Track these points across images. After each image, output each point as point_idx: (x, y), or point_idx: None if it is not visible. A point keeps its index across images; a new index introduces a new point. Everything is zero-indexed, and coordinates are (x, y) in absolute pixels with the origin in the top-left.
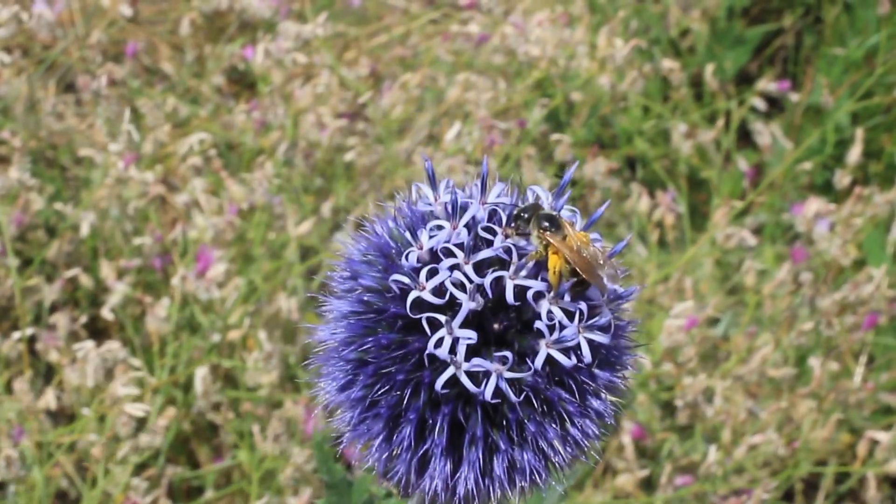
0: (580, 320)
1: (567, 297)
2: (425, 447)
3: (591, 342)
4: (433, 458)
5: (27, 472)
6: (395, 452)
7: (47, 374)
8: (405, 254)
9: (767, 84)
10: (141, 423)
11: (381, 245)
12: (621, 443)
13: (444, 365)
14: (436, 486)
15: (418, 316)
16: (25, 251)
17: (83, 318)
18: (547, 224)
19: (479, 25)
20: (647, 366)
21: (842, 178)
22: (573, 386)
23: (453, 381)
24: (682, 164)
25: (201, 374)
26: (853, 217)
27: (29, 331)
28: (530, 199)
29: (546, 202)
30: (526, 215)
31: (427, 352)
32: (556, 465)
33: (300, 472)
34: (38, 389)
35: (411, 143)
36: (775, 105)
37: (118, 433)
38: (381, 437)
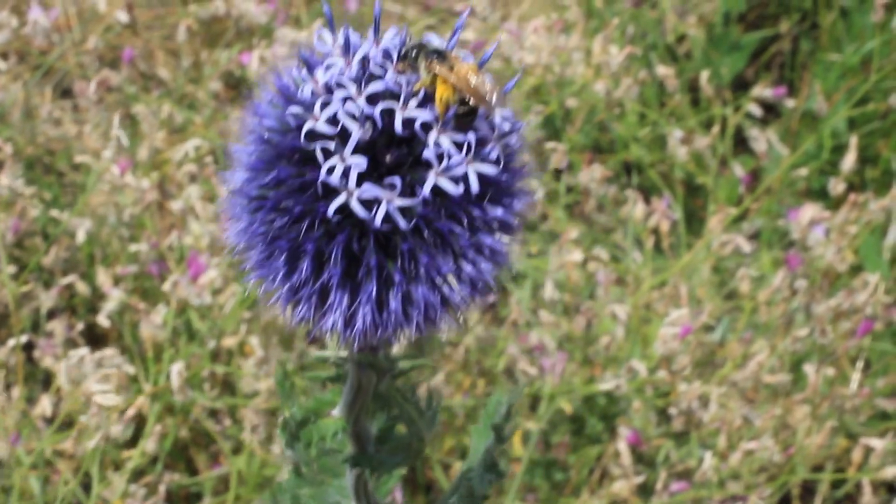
0: (468, 151)
1: (454, 128)
2: (322, 279)
3: (480, 175)
4: (331, 291)
5: (19, 478)
6: (297, 288)
7: (46, 382)
8: (300, 88)
9: (763, 90)
10: (138, 430)
11: (282, 87)
12: (617, 449)
13: (337, 193)
14: (336, 322)
15: (312, 146)
16: (22, 258)
17: (80, 326)
18: (435, 56)
19: (475, 32)
20: (643, 372)
21: (836, 185)
22: (464, 220)
23: (347, 212)
24: (679, 170)
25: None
26: (848, 224)
27: (25, 338)
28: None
29: (439, 45)
30: (415, 51)
31: (320, 179)
32: (452, 302)
33: None
34: (35, 397)
35: None
36: (772, 111)
37: (114, 437)
38: (282, 273)
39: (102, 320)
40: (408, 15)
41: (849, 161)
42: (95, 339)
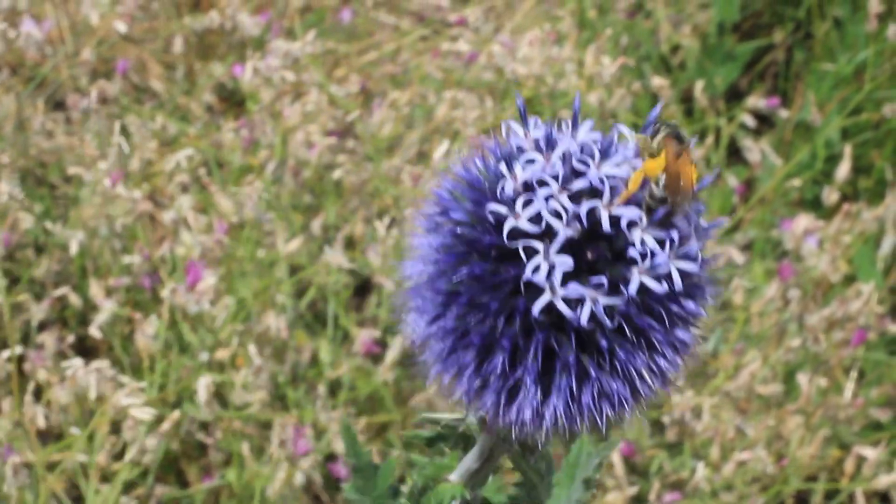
0: (671, 248)
1: (658, 225)
2: (517, 375)
3: (680, 271)
4: (523, 387)
5: (16, 490)
6: (485, 382)
7: (36, 394)
8: (501, 185)
9: (757, 101)
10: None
11: (471, 180)
12: (610, 461)
13: (540, 291)
14: (525, 416)
15: (514, 244)
16: (14, 270)
17: (71, 338)
18: (673, 135)
19: (469, 43)
20: None
21: (829, 195)
22: (662, 315)
23: (548, 309)
24: None
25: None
26: (840, 235)
27: (17, 350)
28: (614, 137)
29: (631, 140)
30: (658, 125)
31: (524, 278)
32: (643, 394)
33: (289, 488)
34: (26, 409)
35: (400, 160)
36: (766, 121)
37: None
38: (471, 368)
39: (94, 332)
40: (402, 26)
41: (842, 171)
42: (86, 351)
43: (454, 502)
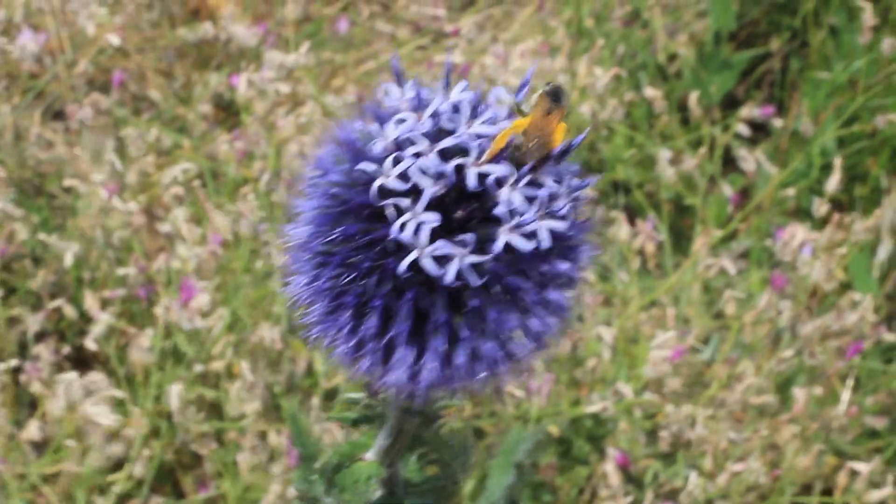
0: (539, 207)
1: (526, 183)
2: (390, 335)
3: (550, 229)
4: (398, 347)
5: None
6: (361, 343)
7: (32, 405)
8: (371, 144)
9: (752, 110)
10: (124, 453)
11: (347, 140)
12: (605, 470)
13: (408, 250)
14: (400, 377)
15: (383, 203)
16: (10, 281)
17: (67, 349)
18: (549, 94)
19: (464, 54)
20: (629, 395)
21: (820, 206)
22: (532, 275)
23: (417, 268)
24: (668, 190)
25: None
26: (832, 245)
27: (13, 362)
28: (492, 100)
29: (507, 100)
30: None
31: (392, 236)
32: (517, 356)
33: (283, 499)
34: (22, 420)
35: None
36: (762, 129)
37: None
38: (347, 328)
39: (89, 344)
40: (399, 35)
41: (833, 182)
42: (82, 362)
43: (372, 480)
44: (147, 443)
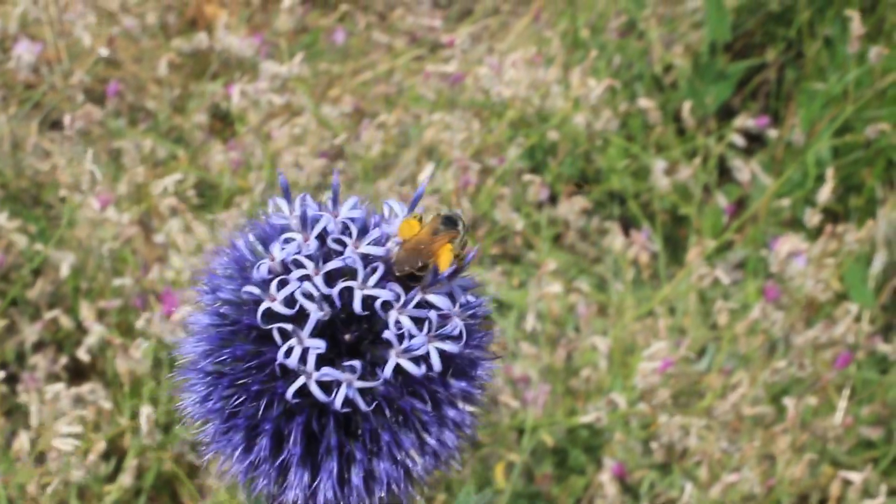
0: (429, 329)
1: (416, 305)
2: (283, 457)
3: (441, 351)
4: (292, 468)
5: None
6: (255, 463)
7: (28, 415)
8: (256, 265)
9: (746, 120)
10: (120, 463)
11: (238, 258)
12: (601, 480)
13: (296, 375)
14: (297, 496)
15: (269, 327)
16: (8, 291)
17: (64, 360)
18: (444, 219)
19: (460, 63)
20: (623, 405)
21: (811, 218)
22: (427, 395)
23: (307, 392)
24: (662, 200)
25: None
26: (826, 255)
27: (12, 370)
28: (386, 214)
29: (400, 215)
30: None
31: (278, 362)
32: (416, 474)
33: None
34: (18, 430)
35: (391, 182)
36: (758, 140)
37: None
38: (240, 449)
39: (83, 355)
40: (395, 45)
41: (825, 192)
42: (80, 372)
43: None
44: (142, 453)
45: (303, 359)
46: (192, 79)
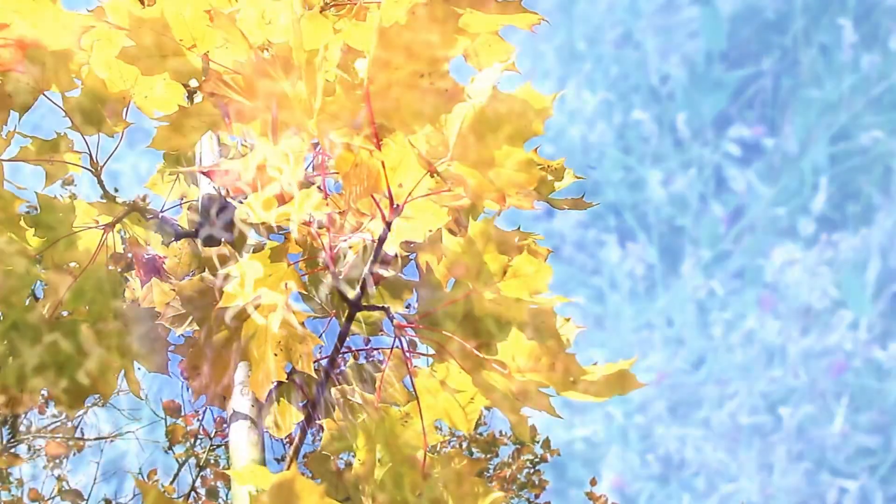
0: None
1: None
2: None
3: None
4: None
5: None
6: None
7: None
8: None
9: (741, 130)
10: None
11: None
12: (602, 492)
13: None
14: None
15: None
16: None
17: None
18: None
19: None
20: (619, 418)
21: (807, 225)
22: None
23: None
24: (659, 211)
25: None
26: (822, 263)
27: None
28: None
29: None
30: None
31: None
32: None
33: None
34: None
35: None
36: (754, 149)
37: None
38: None
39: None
40: None
41: (820, 201)
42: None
43: None
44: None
45: None
46: None
